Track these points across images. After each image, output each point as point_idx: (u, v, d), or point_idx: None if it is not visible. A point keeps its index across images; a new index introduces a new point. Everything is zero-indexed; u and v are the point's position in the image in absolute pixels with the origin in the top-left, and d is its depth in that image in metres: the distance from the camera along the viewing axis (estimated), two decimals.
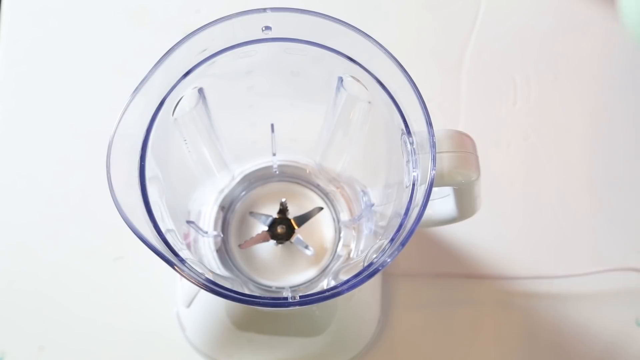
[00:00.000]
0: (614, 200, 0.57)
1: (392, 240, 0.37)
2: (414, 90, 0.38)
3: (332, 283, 0.40)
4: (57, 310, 0.53)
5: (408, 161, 0.39)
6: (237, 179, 0.50)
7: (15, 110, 0.59)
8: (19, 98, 0.59)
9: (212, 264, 0.46)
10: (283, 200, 0.46)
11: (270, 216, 0.47)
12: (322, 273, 0.47)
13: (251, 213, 0.48)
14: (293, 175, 0.50)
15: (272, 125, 0.48)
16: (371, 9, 0.63)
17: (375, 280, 0.52)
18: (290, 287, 0.46)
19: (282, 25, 0.39)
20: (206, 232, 0.48)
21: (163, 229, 0.36)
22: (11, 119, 0.59)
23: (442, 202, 0.44)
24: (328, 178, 0.50)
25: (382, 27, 0.61)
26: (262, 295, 0.37)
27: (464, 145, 0.39)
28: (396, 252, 0.36)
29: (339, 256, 0.47)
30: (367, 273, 0.36)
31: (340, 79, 0.42)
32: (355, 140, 0.46)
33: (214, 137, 0.45)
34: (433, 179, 0.36)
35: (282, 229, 0.46)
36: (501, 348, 0.53)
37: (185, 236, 0.45)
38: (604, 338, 0.53)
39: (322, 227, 0.48)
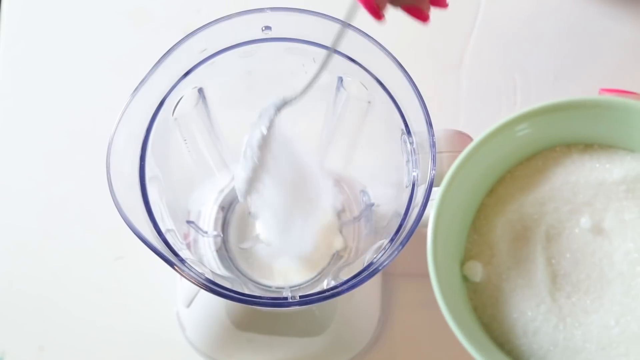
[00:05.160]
0: None
1: (392, 240, 0.37)
2: (414, 90, 0.38)
3: (332, 283, 0.40)
4: (57, 310, 0.53)
5: (408, 161, 0.39)
6: None
7: (15, 111, 0.59)
8: (19, 98, 0.59)
9: (212, 264, 0.46)
10: None
11: None
12: (322, 273, 0.47)
13: (252, 213, 0.48)
14: None
15: None
16: None
17: (375, 280, 0.52)
18: (290, 287, 0.46)
19: (282, 25, 0.39)
20: (206, 232, 0.48)
21: (163, 229, 0.37)
22: (10, 119, 0.59)
23: None
24: (328, 178, 0.50)
25: (382, 27, 0.61)
26: (262, 295, 0.37)
27: (464, 145, 0.39)
28: (396, 252, 0.36)
29: (339, 256, 0.47)
30: (367, 273, 0.36)
31: (340, 79, 0.42)
32: (355, 140, 0.46)
33: (214, 137, 0.45)
34: (433, 178, 0.36)
35: None
36: None
37: (185, 236, 0.45)
38: None
39: (323, 227, 0.48)
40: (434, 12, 0.62)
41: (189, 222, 0.46)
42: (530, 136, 0.38)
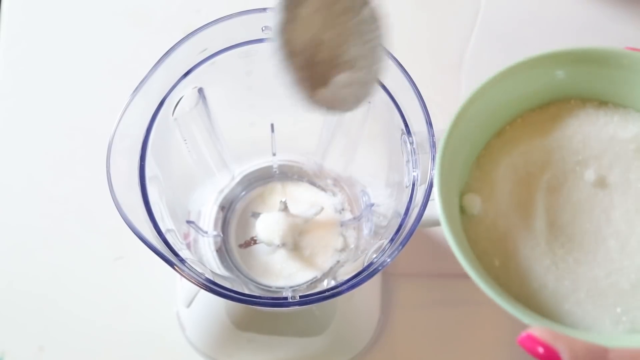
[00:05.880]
0: None
1: (392, 240, 0.37)
2: (414, 90, 0.38)
3: (332, 283, 0.40)
4: (57, 310, 0.53)
5: (408, 161, 0.39)
6: (237, 179, 0.50)
7: (15, 111, 0.59)
8: (19, 98, 0.59)
9: (212, 264, 0.46)
10: (283, 200, 0.46)
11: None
12: (322, 273, 0.47)
13: (253, 214, 0.48)
14: (293, 175, 0.50)
15: (272, 125, 0.48)
16: None
17: (375, 280, 0.52)
18: (291, 287, 0.46)
19: None
20: (206, 232, 0.48)
21: (163, 229, 0.37)
22: (11, 119, 0.59)
23: None
24: (328, 178, 0.50)
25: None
26: (262, 296, 0.37)
27: None
28: (396, 252, 0.36)
29: (339, 256, 0.47)
30: (367, 273, 0.36)
31: None
32: (355, 140, 0.46)
33: (214, 137, 0.45)
34: (433, 179, 0.36)
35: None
36: (501, 348, 0.53)
37: (185, 236, 0.45)
38: None
39: (323, 227, 0.48)
40: (434, 12, 0.62)
41: (189, 222, 0.46)
42: (555, 82, 0.38)
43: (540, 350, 0.31)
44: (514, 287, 0.36)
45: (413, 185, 0.38)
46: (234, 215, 0.49)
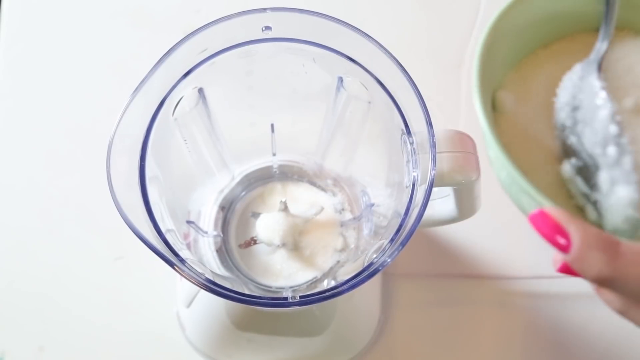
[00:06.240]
0: None
1: (392, 240, 0.37)
2: (414, 90, 0.38)
3: (332, 283, 0.40)
4: (57, 310, 0.53)
5: (408, 161, 0.39)
6: (237, 179, 0.50)
7: (15, 111, 0.59)
8: (19, 98, 0.59)
9: (212, 264, 0.46)
10: (283, 200, 0.46)
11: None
12: (322, 273, 0.47)
13: (253, 214, 0.48)
14: (293, 175, 0.50)
15: (272, 125, 0.48)
16: (371, 9, 0.63)
17: (375, 280, 0.52)
18: (291, 287, 0.46)
19: (282, 25, 0.39)
20: (206, 232, 0.48)
21: (163, 229, 0.37)
22: (10, 119, 0.59)
23: (442, 202, 0.44)
24: (328, 178, 0.50)
25: (382, 27, 0.61)
26: (262, 295, 0.37)
27: (464, 145, 0.39)
28: (396, 252, 0.36)
29: (340, 256, 0.47)
30: (367, 273, 0.36)
31: (340, 79, 0.42)
32: (355, 140, 0.46)
33: (214, 137, 0.45)
34: (433, 179, 0.36)
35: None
36: (501, 348, 0.53)
37: (185, 236, 0.45)
38: (604, 338, 0.53)
39: (323, 227, 0.48)
40: (434, 12, 0.62)
41: (189, 222, 0.46)
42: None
43: (561, 241, 0.29)
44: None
45: (413, 185, 0.38)
46: (234, 216, 0.49)
